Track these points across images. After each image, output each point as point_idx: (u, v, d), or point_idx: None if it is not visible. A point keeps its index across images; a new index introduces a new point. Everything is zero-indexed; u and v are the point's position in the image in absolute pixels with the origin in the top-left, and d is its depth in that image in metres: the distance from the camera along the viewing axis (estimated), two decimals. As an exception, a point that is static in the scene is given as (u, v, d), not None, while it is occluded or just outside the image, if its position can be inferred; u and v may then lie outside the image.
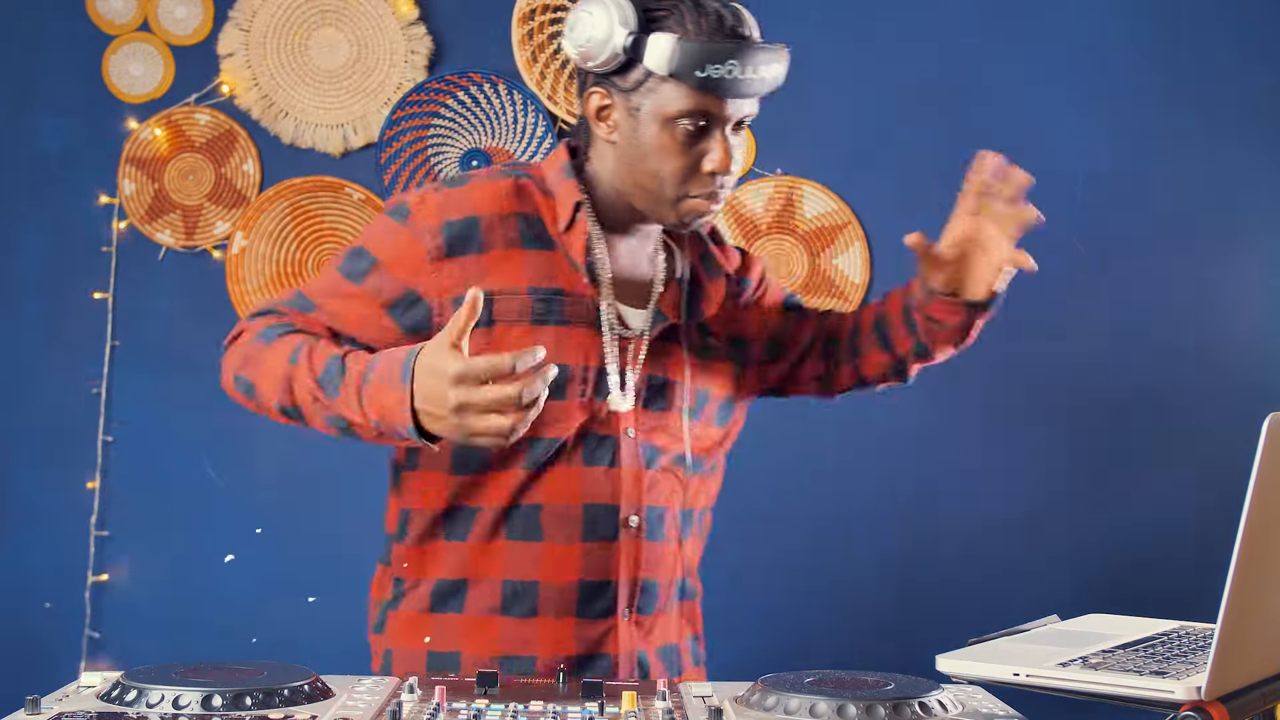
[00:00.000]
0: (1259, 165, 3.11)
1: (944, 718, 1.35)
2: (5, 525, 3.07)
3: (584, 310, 1.75)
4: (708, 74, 1.65)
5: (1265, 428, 1.30)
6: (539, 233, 1.74)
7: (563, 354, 1.71)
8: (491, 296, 1.70)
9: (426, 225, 1.71)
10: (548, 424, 1.70)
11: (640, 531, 1.76)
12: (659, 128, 1.69)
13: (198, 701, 1.31)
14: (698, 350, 1.84)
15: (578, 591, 1.74)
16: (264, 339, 1.68)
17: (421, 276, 1.70)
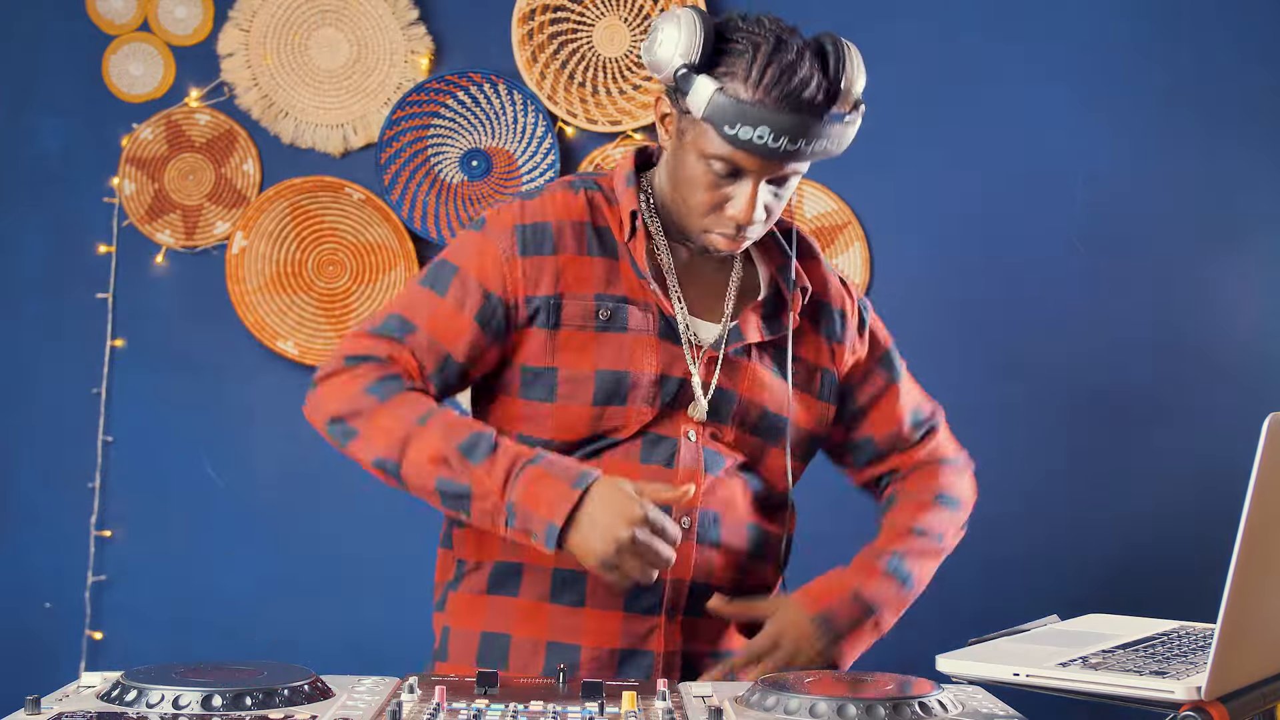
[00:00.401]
0: (1259, 165, 3.11)
1: (944, 718, 1.35)
2: (5, 525, 3.07)
3: (648, 319, 1.76)
4: (736, 133, 1.63)
5: (1265, 428, 1.31)
6: (607, 242, 1.78)
7: (624, 361, 1.74)
8: (560, 299, 1.74)
9: (501, 229, 1.76)
10: (607, 429, 1.75)
11: (690, 533, 1.76)
12: (694, 158, 1.69)
13: (198, 701, 1.32)
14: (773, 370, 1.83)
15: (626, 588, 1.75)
16: (377, 395, 1.69)
17: (498, 277, 1.74)
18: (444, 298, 1.74)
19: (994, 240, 3.11)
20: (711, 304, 1.82)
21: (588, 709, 1.40)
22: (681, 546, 1.71)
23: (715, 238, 1.74)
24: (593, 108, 3.08)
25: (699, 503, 1.76)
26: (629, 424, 1.75)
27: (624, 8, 3.08)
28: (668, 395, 1.75)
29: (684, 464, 1.76)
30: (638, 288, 1.77)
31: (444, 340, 1.73)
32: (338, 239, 3.09)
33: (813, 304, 1.88)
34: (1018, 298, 3.12)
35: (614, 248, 1.78)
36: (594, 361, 1.74)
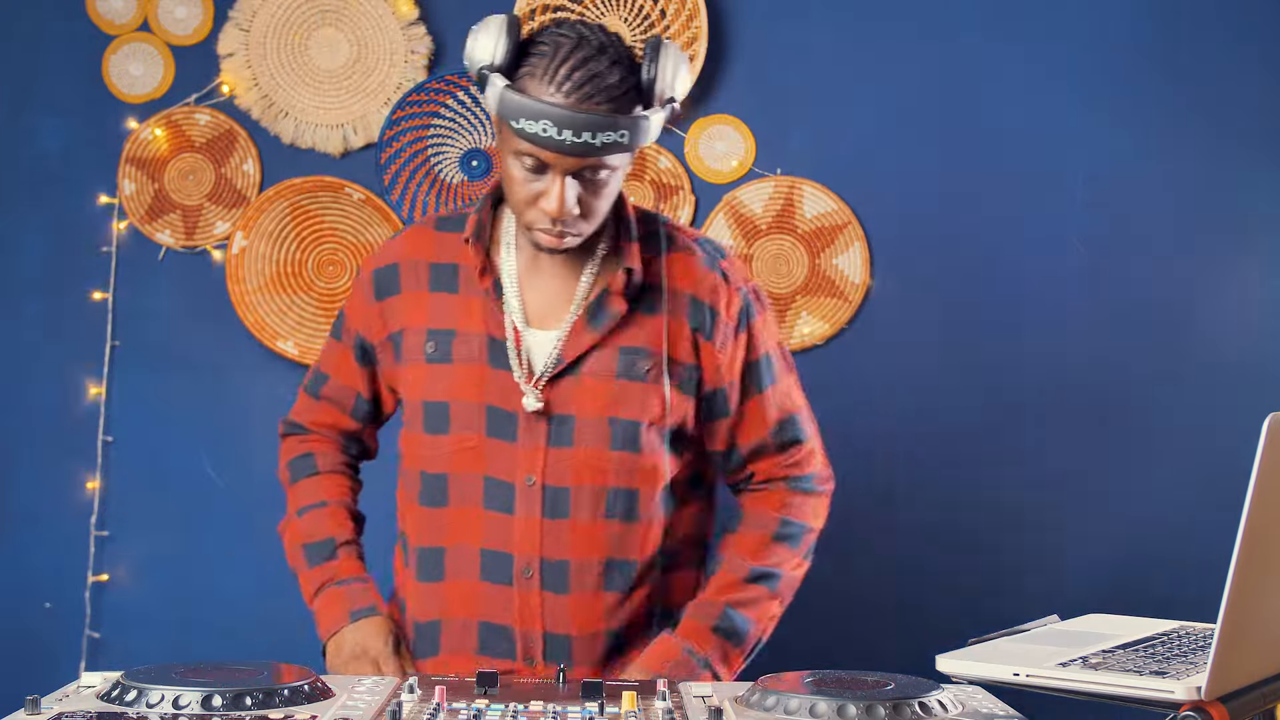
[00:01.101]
0: (1259, 165, 3.11)
1: (944, 718, 1.35)
2: (5, 525, 3.07)
3: (476, 349, 1.86)
4: (522, 127, 1.70)
5: (1265, 428, 1.31)
6: (448, 278, 1.90)
7: (447, 391, 1.86)
8: (401, 334, 1.91)
9: (366, 275, 1.97)
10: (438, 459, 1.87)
11: (533, 582, 1.82)
12: (508, 157, 1.78)
13: (198, 701, 1.32)
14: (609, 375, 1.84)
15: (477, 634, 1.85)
16: (289, 475, 2.07)
17: (364, 321, 1.97)
18: (341, 343, 2.01)
19: (994, 240, 3.11)
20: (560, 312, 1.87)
21: (588, 709, 1.40)
22: (528, 595, 1.82)
23: (539, 234, 1.80)
24: (593, 108, 3.08)
25: (538, 551, 1.82)
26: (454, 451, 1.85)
27: (624, 8, 3.08)
28: (496, 426, 1.83)
29: (520, 513, 1.83)
30: (476, 317, 1.86)
31: (349, 383, 2.01)
32: (338, 239, 3.09)
33: (681, 297, 1.88)
34: (1018, 298, 3.12)
35: (453, 283, 1.89)
36: (422, 393, 1.88)
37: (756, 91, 3.10)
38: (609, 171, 1.76)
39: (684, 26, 3.07)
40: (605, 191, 1.79)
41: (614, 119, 1.70)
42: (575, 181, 1.74)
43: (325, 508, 2.00)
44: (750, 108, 3.10)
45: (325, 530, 1.97)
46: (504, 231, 1.91)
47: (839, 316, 3.10)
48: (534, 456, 1.82)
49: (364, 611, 1.89)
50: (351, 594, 1.92)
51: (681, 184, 3.10)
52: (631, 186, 3.10)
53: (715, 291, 1.90)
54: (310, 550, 1.97)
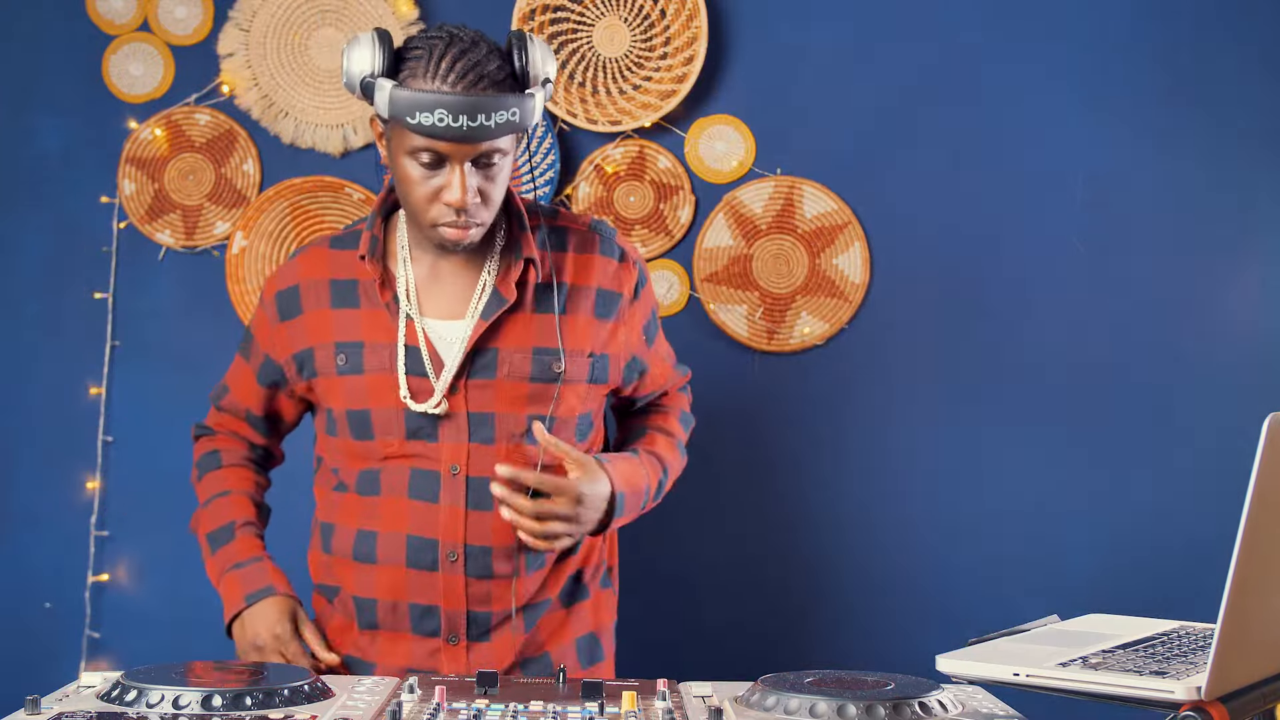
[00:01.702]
0: (1259, 164, 3.11)
1: (944, 718, 1.36)
2: (5, 525, 3.07)
3: (386, 357, 1.95)
4: (418, 120, 1.77)
5: (1265, 428, 1.31)
6: (348, 293, 1.98)
7: (365, 399, 1.95)
8: (311, 352, 2.00)
9: (269, 298, 2.07)
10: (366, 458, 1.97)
11: (458, 566, 1.93)
12: (402, 159, 1.84)
13: (198, 701, 1.32)
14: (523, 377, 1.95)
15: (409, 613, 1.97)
16: (197, 472, 2.17)
17: (269, 341, 2.06)
18: (246, 363, 2.12)
19: (994, 240, 3.11)
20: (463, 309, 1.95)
21: (588, 709, 1.40)
22: (451, 579, 1.93)
23: (444, 230, 1.87)
24: (593, 108, 3.08)
25: (462, 538, 1.92)
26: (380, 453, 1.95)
27: (624, 8, 3.08)
28: (413, 427, 1.93)
29: (445, 502, 1.93)
30: (380, 327, 1.95)
31: (244, 401, 2.13)
32: (338, 239, 3.09)
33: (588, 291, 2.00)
34: (1018, 298, 3.12)
35: (353, 297, 1.97)
36: (344, 403, 1.98)
37: (756, 91, 3.10)
38: (501, 156, 1.85)
39: (684, 26, 3.07)
40: (500, 178, 1.88)
41: (503, 98, 1.79)
42: (473, 169, 1.83)
43: (228, 496, 2.09)
44: (750, 108, 3.10)
45: (226, 515, 2.07)
46: (398, 245, 1.98)
47: (839, 316, 3.10)
48: (458, 450, 1.92)
49: (260, 594, 1.99)
50: (248, 576, 2.01)
51: (681, 184, 3.10)
52: (631, 186, 3.10)
53: (618, 278, 2.04)
54: (211, 538, 2.06)
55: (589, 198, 3.10)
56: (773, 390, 3.10)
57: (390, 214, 2.02)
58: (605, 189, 3.10)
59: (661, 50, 3.07)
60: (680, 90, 3.07)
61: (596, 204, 3.09)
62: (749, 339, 3.10)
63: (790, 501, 3.11)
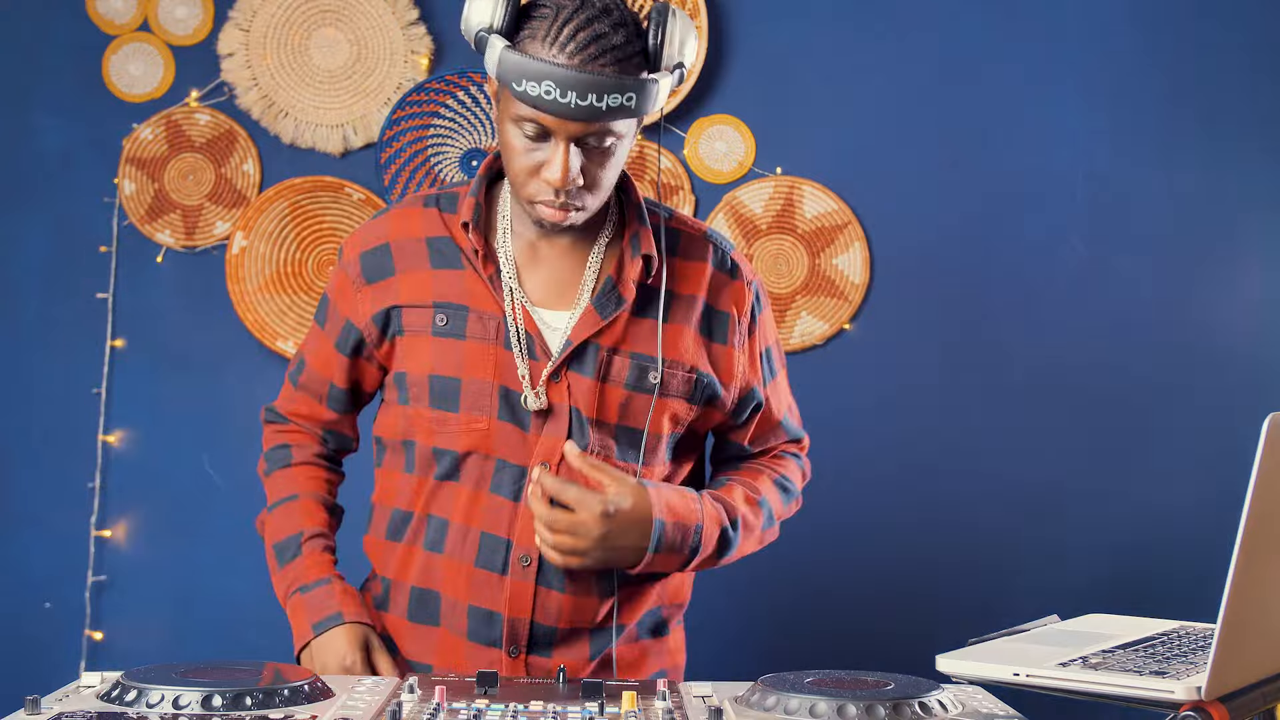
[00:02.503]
0: (1259, 164, 3.11)
1: (944, 718, 1.35)
2: (5, 525, 3.07)
3: (489, 327, 1.77)
4: (524, 89, 1.62)
5: (1265, 428, 1.31)
6: (448, 254, 1.81)
7: (458, 368, 1.77)
8: (400, 309, 1.81)
9: (351, 258, 1.86)
10: (443, 434, 1.78)
11: (530, 572, 1.76)
12: (507, 125, 1.69)
13: (198, 701, 1.32)
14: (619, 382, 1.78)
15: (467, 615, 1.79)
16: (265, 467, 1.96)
17: (352, 304, 1.86)
18: (323, 329, 1.91)
19: (994, 240, 3.11)
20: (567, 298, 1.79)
21: (588, 709, 1.40)
22: (521, 585, 1.76)
23: (542, 208, 1.71)
24: (593, 108, 3.08)
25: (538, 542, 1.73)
26: (463, 431, 1.77)
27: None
28: (507, 409, 1.76)
29: (529, 500, 1.74)
30: (484, 296, 1.78)
31: (324, 371, 1.91)
32: (338, 239, 3.09)
33: (695, 301, 1.83)
34: (1018, 297, 3.12)
35: (455, 259, 1.81)
36: (430, 366, 1.79)
37: (756, 91, 3.10)
38: (614, 140, 1.68)
39: (684, 26, 3.07)
40: (611, 162, 1.71)
41: (620, 80, 1.61)
42: (579, 149, 1.66)
43: (295, 501, 1.89)
44: (750, 108, 3.10)
45: (294, 525, 1.87)
46: (499, 215, 1.82)
47: (839, 316, 3.10)
48: (554, 447, 1.76)
49: (327, 622, 1.79)
50: (314, 602, 1.81)
51: (681, 184, 3.10)
52: (631, 186, 3.10)
53: (730, 295, 1.86)
54: (278, 549, 1.87)
55: (589, 198, 3.10)
56: (773, 390, 3.10)
57: (494, 182, 1.85)
58: (605, 189, 3.10)
59: (661, 50, 3.07)
60: (680, 90, 3.07)
61: (596, 204, 3.09)
62: (749, 339, 3.10)
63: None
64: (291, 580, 1.84)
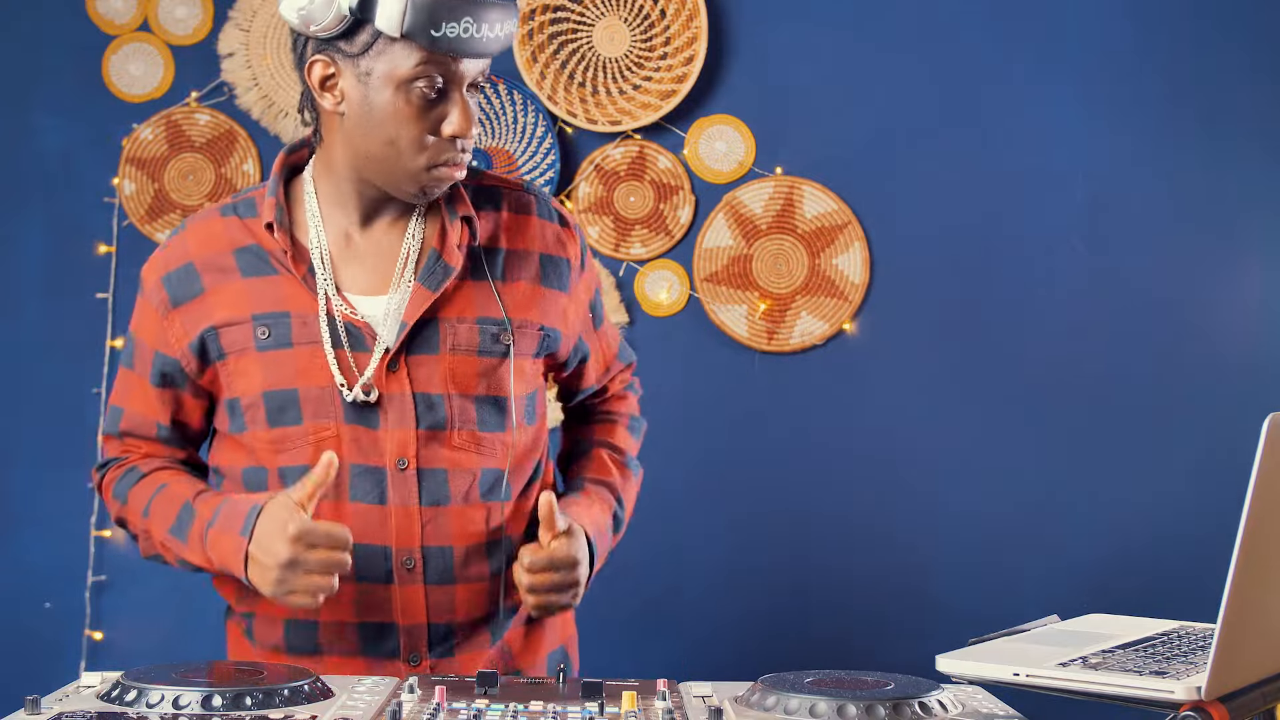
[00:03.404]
0: (1259, 165, 3.11)
1: (944, 718, 1.35)
2: (5, 525, 3.07)
3: (313, 329, 1.68)
4: (443, 33, 1.55)
5: (1265, 428, 1.30)
6: (259, 261, 1.71)
7: (291, 378, 1.68)
8: (216, 329, 1.70)
9: (152, 285, 1.76)
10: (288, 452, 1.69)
11: (416, 574, 1.69)
12: (393, 92, 1.60)
13: (198, 701, 1.32)
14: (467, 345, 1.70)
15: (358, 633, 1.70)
16: (120, 499, 1.78)
17: (160, 336, 1.74)
18: (134, 370, 1.78)
19: (994, 240, 3.11)
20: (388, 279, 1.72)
21: (588, 709, 1.40)
22: (411, 590, 1.69)
23: (442, 170, 1.64)
24: (593, 108, 3.08)
25: (419, 541, 1.68)
26: (311, 444, 1.67)
27: (624, 8, 3.08)
28: (351, 410, 1.67)
29: (394, 501, 1.67)
30: (303, 298, 1.69)
31: (147, 413, 1.78)
32: (338, 239, 3.09)
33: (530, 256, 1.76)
34: (1018, 298, 3.12)
35: (266, 265, 1.71)
36: (262, 383, 1.69)
37: (756, 91, 3.10)
38: (483, 80, 1.66)
39: (684, 26, 3.07)
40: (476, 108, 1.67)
41: (504, 10, 1.60)
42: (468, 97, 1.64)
43: (166, 489, 1.73)
44: (750, 108, 3.10)
45: (175, 502, 1.70)
46: (306, 213, 1.72)
47: (839, 316, 3.10)
48: (405, 439, 1.67)
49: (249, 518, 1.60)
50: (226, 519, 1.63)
51: (681, 184, 3.10)
52: (632, 187, 3.10)
53: (561, 243, 1.80)
54: (175, 531, 1.69)
55: (589, 198, 3.09)
56: (773, 390, 3.10)
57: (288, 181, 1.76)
58: (605, 189, 3.10)
59: (661, 50, 3.07)
60: (680, 90, 3.07)
61: (596, 204, 3.09)
62: (749, 339, 3.10)
63: (790, 501, 3.11)
64: (200, 530, 1.66)
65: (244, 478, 1.73)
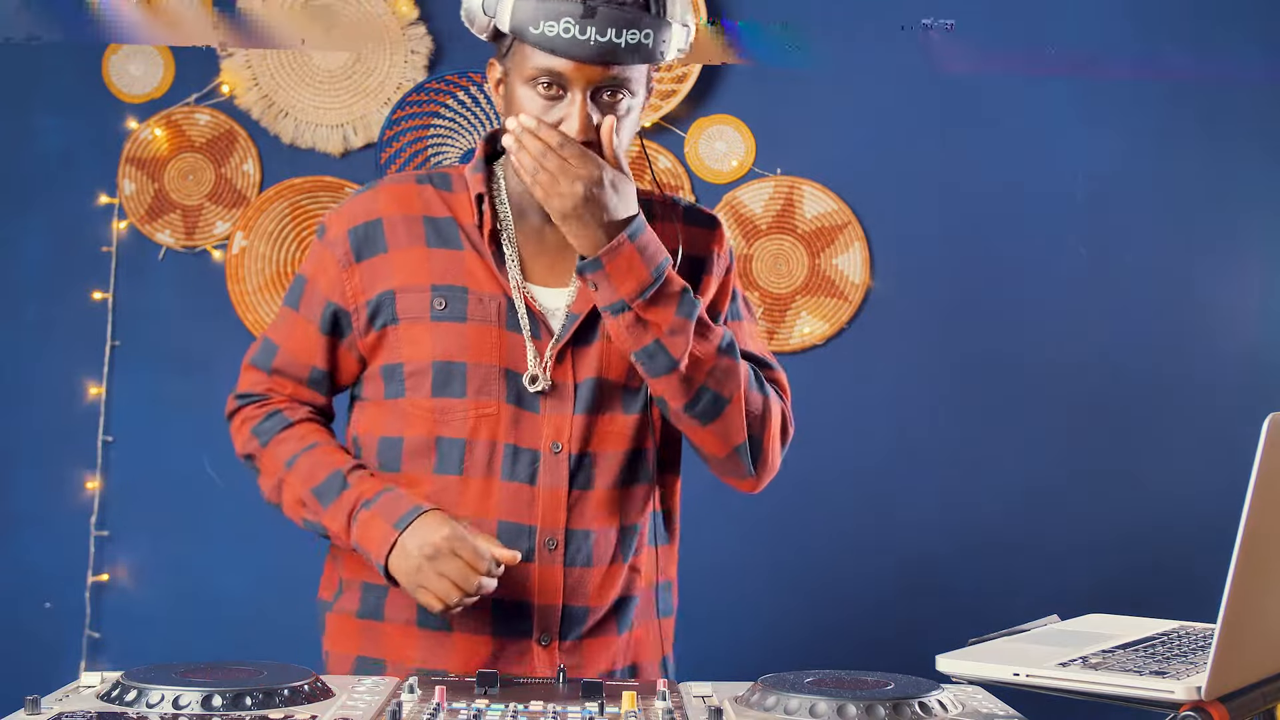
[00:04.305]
0: (1259, 165, 3.11)
1: (944, 718, 1.35)
2: (5, 525, 3.07)
3: (491, 309, 1.73)
4: (541, 31, 1.59)
5: (1265, 428, 1.30)
6: (447, 233, 1.75)
7: (461, 351, 1.72)
8: (394, 294, 1.74)
9: (337, 235, 1.77)
10: (448, 423, 1.72)
11: (557, 555, 1.72)
12: (521, 89, 1.65)
13: (198, 701, 1.32)
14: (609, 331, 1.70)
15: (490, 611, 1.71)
16: (259, 438, 1.80)
17: (338, 285, 1.77)
18: (298, 312, 1.80)
19: (994, 240, 3.11)
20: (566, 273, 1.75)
21: (588, 709, 1.40)
22: (550, 570, 1.71)
23: None
24: (593, 108, 3.08)
25: (563, 523, 1.72)
26: (471, 418, 1.71)
27: (624, 8, 3.08)
28: (513, 392, 1.71)
29: (545, 483, 1.71)
30: (484, 277, 1.73)
31: (303, 355, 1.79)
32: (338, 239, 3.09)
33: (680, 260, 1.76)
34: (1018, 298, 3.12)
35: (456, 240, 1.75)
36: (432, 353, 1.72)
37: (756, 91, 3.10)
38: (626, 95, 1.66)
39: (684, 26, 3.07)
40: (626, 122, 1.69)
41: (637, 15, 1.60)
42: (595, 105, 1.64)
43: (316, 448, 1.75)
44: (750, 108, 3.10)
45: (328, 465, 1.73)
46: (500, 191, 1.78)
47: (839, 316, 3.10)
48: (561, 424, 1.72)
49: (409, 515, 1.64)
50: (386, 506, 1.66)
51: (681, 184, 3.10)
52: (631, 186, 3.10)
53: (708, 237, 1.83)
54: (319, 493, 1.72)
55: (589, 198, 3.10)
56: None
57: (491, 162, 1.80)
58: (605, 189, 3.10)
59: (661, 50, 3.07)
60: (680, 90, 3.07)
61: (596, 204, 3.09)
62: (749, 339, 3.10)
63: (790, 501, 3.11)
64: (350, 503, 1.68)
65: (379, 448, 1.76)
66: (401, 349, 1.74)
